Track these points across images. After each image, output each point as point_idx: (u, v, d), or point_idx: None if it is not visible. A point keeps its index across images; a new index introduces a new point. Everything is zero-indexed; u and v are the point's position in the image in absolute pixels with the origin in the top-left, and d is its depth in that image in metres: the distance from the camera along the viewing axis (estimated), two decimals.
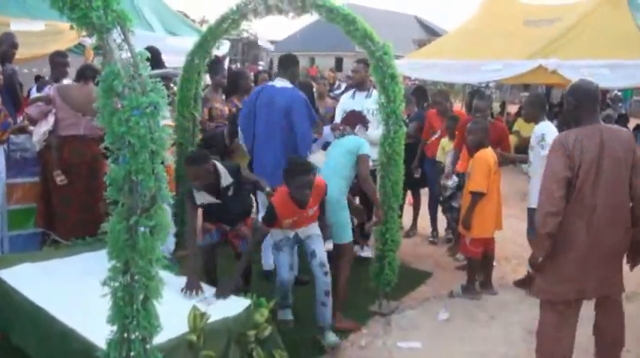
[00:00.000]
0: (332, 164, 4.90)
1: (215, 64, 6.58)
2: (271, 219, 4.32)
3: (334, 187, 4.65)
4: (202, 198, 4.38)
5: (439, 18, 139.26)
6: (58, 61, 6.27)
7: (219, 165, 4.39)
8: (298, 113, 5.16)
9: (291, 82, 5.39)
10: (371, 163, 5.04)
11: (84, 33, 2.43)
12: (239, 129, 5.54)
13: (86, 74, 5.31)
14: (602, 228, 3.54)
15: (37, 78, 8.14)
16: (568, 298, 3.66)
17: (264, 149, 5.26)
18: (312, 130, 5.40)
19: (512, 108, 17.03)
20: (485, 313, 5.12)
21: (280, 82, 5.38)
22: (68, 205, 5.24)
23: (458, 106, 12.84)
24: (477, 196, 5.28)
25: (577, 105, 3.67)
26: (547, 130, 5.30)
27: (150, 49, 3.88)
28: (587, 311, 3.86)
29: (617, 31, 9.77)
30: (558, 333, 3.70)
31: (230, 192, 4.43)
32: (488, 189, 5.27)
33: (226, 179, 4.39)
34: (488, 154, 5.35)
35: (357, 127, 5.24)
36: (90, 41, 3.12)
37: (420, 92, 8.37)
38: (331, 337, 4.35)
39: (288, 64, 5.49)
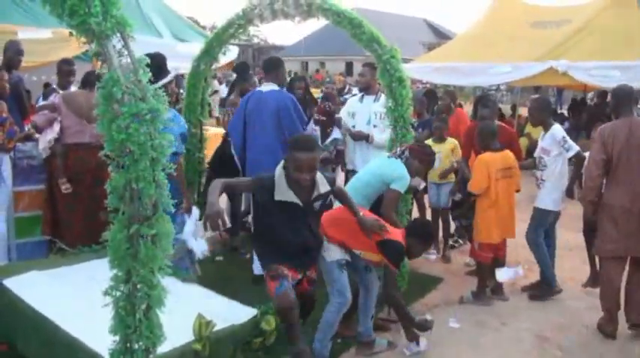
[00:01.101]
0: (362, 177, 4.73)
1: (245, 72, 6.86)
2: (402, 260, 4.29)
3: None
4: (284, 194, 3.65)
5: (448, 20, 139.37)
6: (64, 69, 6.31)
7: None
8: (286, 117, 5.22)
9: (278, 84, 5.43)
10: None
11: (84, 40, 2.38)
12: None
13: (90, 81, 5.30)
14: (637, 198, 4.54)
15: (46, 85, 8.15)
16: (617, 254, 4.68)
17: (258, 154, 5.28)
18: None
19: (524, 111, 16.88)
20: (496, 319, 5.04)
21: (267, 86, 5.41)
22: (73, 212, 5.23)
23: (466, 107, 12.77)
24: (474, 196, 5.29)
25: (617, 102, 4.75)
26: (564, 132, 5.38)
27: (154, 55, 3.84)
28: None
29: (627, 32, 9.70)
30: (613, 278, 4.74)
31: (317, 205, 3.82)
32: (490, 194, 5.15)
33: (324, 186, 3.77)
34: (494, 158, 5.19)
35: (414, 161, 4.63)
36: None
37: (430, 95, 8.33)
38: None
39: (272, 67, 5.54)
